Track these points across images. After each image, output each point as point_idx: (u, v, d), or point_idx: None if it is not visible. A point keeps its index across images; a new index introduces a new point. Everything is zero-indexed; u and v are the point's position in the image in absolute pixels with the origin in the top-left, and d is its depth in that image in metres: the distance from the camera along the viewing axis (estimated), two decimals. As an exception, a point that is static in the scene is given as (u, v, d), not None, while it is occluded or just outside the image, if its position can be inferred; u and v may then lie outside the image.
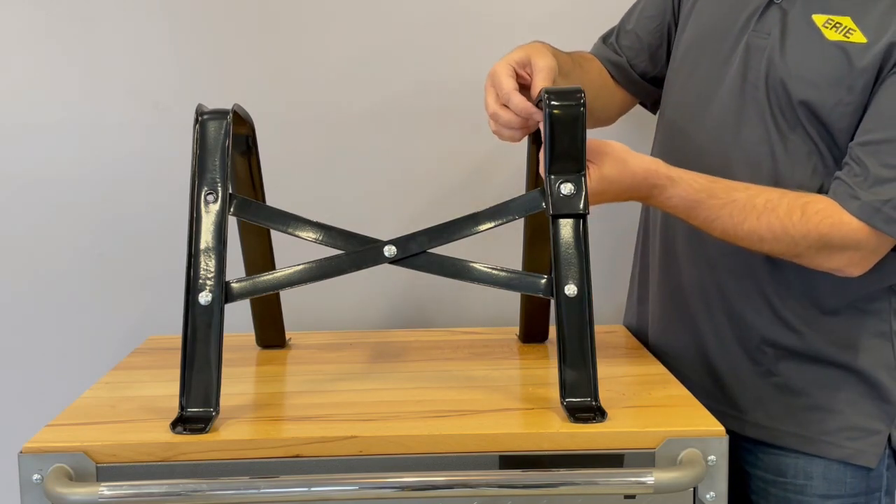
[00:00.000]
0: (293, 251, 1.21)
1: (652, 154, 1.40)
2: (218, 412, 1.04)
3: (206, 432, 1.01)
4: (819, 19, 1.22)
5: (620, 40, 1.45)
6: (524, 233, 1.34)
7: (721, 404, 1.29)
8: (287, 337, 1.42)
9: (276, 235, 1.22)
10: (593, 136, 1.14)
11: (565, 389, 1.06)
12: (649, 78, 1.44)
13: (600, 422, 1.03)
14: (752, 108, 1.25)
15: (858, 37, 1.19)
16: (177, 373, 1.04)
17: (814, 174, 1.23)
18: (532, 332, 1.40)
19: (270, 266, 1.33)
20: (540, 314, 1.39)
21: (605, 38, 1.48)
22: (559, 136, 1.09)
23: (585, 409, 1.05)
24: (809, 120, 1.21)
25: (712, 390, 1.31)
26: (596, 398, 1.06)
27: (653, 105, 1.49)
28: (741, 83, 1.26)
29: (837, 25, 1.20)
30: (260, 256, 1.33)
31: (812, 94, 1.20)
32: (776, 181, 1.23)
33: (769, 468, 1.30)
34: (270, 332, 1.40)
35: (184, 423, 1.02)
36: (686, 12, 1.38)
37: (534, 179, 1.30)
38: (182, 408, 1.04)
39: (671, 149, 1.34)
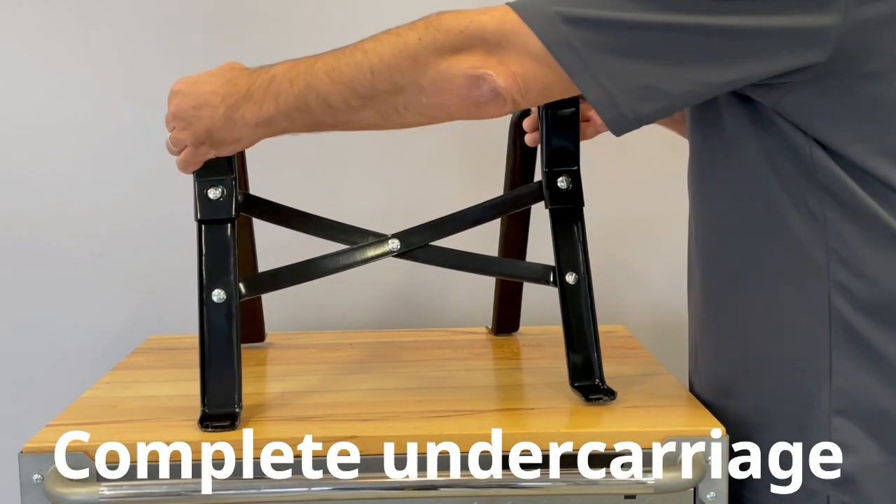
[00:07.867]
0: (291, 250, 1.21)
1: None
2: (241, 408, 1.05)
3: (235, 429, 1.01)
4: None
5: None
6: (500, 222, 1.36)
7: None
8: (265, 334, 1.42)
9: (275, 232, 1.22)
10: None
11: (573, 373, 1.12)
12: None
13: (609, 401, 1.08)
14: None
15: None
16: (177, 373, 1.04)
17: None
18: (504, 323, 1.44)
19: (253, 263, 1.33)
20: (514, 307, 1.43)
21: None
22: (556, 133, 1.14)
23: (594, 389, 1.10)
24: None
25: None
26: (602, 380, 1.12)
27: None
28: None
29: None
30: (247, 251, 1.33)
31: None
32: None
33: None
34: (250, 328, 1.39)
35: (209, 421, 1.02)
36: None
37: (511, 175, 1.31)
38: (205, 406, 1.04)
39: None
